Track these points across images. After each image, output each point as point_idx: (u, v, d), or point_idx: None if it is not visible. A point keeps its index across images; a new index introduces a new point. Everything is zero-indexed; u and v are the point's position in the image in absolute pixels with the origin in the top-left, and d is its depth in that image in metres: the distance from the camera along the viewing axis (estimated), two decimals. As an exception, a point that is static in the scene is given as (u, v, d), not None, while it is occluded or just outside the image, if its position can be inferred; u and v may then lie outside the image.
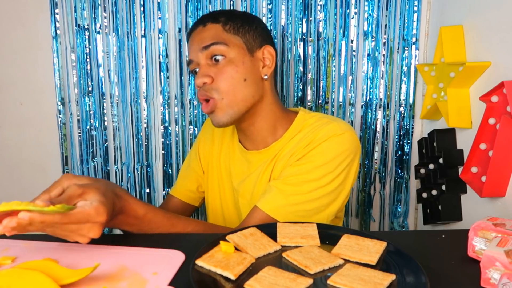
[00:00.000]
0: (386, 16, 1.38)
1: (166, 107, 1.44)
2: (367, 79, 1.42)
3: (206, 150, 1.06)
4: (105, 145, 1.46)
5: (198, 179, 1.07)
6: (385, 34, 1.39)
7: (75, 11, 1.37)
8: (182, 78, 1.42)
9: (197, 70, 0.89)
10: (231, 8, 1.37)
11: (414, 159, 1.46)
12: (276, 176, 0.89)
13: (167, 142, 1.47)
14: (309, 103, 1.43)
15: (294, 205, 0.82)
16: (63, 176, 0.68)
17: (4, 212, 0.53)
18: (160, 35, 1.40)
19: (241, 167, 0.97)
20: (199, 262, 0.56)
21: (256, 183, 0.92)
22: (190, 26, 0.92)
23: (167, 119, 1.45)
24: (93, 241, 0.68)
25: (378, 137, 1.46)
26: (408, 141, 1.46)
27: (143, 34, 1.39)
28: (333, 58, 1.41)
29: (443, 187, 1.24)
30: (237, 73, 0.86)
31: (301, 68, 1.41)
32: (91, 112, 1.43)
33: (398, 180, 1.49)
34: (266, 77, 0.91)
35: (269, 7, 1.37)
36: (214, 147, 1.05)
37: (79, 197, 0.62)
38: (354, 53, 1.40)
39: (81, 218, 0.59)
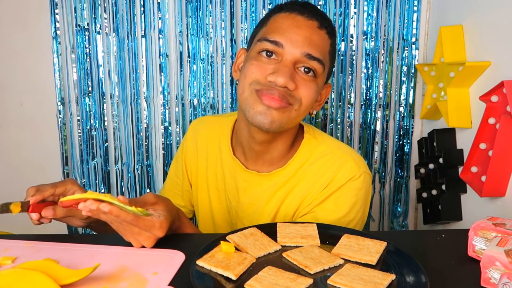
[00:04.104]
0: (386, 16, 1.38)
1: (166, 107, 1.44)
2: (367, 79, 1.42)
3: (192, 159, 0.97)
4: (105, 145, 1.46)
5: (188, 195, 1.00)
6: (384, 34, 1.39)
7: (75, 12, 1.37)
8: (182, 78, 1.42)
9: (273, 56, 0.76)
10: (231, 7, 1.37)
11: (414, 159, 1.46)
12: (288, 215, 0.85)
13: (167, 142, 1.47)
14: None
15: None
16: (69, 180, 0.75)
17: (88, 198, 0.60)
18: (160, 35, 1.39)
19: (235, 183, 0.89)
20: (200, 262, 0.57)
21: (256, 213, 0.87)
22: (269, 8, 0.83)
23: (167, 119, 1.45)
24: (93, 241, 0.68)
25: (378, 137, 1.46)
26: (408, 141, 1.46)
27: (143, 34, 1.39)
28: (333, 58, 1.40)
29: (443, 187, 1.24)
30: (315, 95, 0.79)
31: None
32: (91, 112, 1.43)
33: (398, 180, 1.49)
34: (314, 112, 0.84)
35: (269, 6, 1.37)
36: (198, 156, 0.96)
37: (151, 206, 0.68)
38: (353, 53, 1.40)
39: (146, 226, 0.64)
